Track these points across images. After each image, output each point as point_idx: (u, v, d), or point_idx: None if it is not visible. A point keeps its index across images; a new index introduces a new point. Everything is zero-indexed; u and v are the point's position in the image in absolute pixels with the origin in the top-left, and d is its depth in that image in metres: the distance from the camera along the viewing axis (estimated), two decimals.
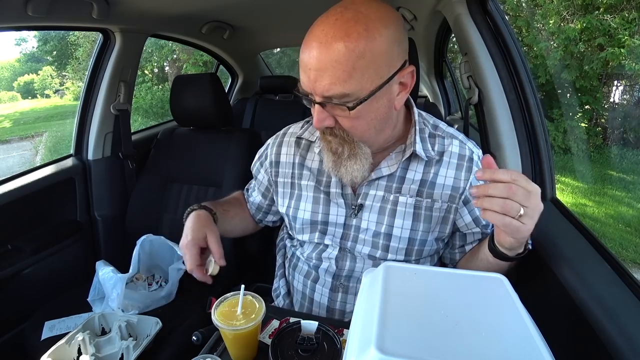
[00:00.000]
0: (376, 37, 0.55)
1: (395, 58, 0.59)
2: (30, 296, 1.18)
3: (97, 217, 1.42)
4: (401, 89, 0.63)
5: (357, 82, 0.56)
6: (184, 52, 9.15)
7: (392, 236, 0.73)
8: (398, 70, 0.60)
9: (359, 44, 0.54)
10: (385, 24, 0.56)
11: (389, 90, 0.61)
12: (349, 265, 0.77)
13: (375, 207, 0.74)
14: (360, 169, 0.68)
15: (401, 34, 0.59)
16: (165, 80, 10.27)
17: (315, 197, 0.77)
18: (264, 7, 1.41)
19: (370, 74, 0.57)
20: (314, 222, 0.78)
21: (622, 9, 5.56)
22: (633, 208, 4.68)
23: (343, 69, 0.55)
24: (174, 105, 1.41)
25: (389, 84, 0.59)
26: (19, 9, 0.92)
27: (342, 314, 0.79)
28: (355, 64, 0.55)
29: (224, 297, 0.65)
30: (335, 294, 0.79)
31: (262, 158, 0.88)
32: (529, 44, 6.12)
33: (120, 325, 0.90)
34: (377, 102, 0.60)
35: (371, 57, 0.55)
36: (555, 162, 0.95)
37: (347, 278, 0.78)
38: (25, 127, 9.51)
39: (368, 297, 0.50)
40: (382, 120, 0.64)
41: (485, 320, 0.44)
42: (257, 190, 0.92)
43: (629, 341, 0.49)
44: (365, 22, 0.55)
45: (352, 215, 0.75)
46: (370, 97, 0.58)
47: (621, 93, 6.60)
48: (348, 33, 0.54)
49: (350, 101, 0.58)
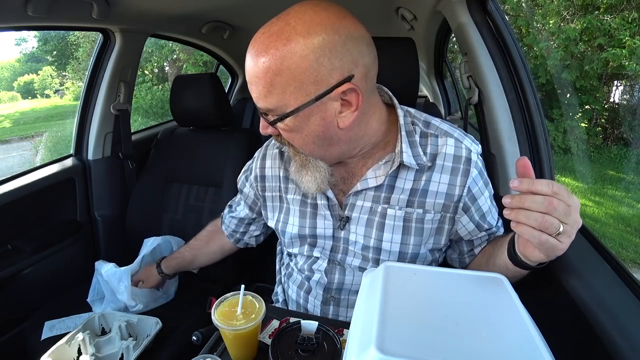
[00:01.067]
0: (297, 51, 0.51)
1: (327, 74, 0.53)
2: (30, 296, 1.18)
3: (97, 217, 1.42)
4: (345, 108, 0.57)
5: (278, 97, 0.55)
6: (184, 52, 9.15)
7: (382, 250, 0.70)
8: (332, 89, 0.54)
9: (276, 61, 0.52)
10: (311, 36, 0.51)
11: (322, 109, 0.56)
12: (339, 278, 0.75)
13: (363, 219, 0.71)
14: (311, 180, 0.66)
15: (338, 47, 0.52)
16: (165, 80, 10.27)
17: (302, 211, 0.75)
18: (264, 7, 1.40)
19: (291, 90, 0.54)
20: (302, 235, 0.76)
21: (622, 9, 5.56)
22: (633, 208, 4.68)
23: (263, 85, 0.54)
24: (174, 105, 1.41)
25: (321, 102, 0.55)
26: (19, 9, 0.92)
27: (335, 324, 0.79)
28: (273, 81, 0.53)
29: (224, 297, 0.65)
30: (327, 307, 0.78)
31: (247, 172, 0.88)
32: (529, 44, 6.12)
33: (120, 325, 0.90)
34: (306, 119, 0.57)
35: (290, 73, 0.52)
36: (555, 162, 0.95)
37: (337, 291, 0.76)
38: (25, 127, 9.51)
39: (368, 297, 0.50)
40: (323, 137, 0.59)
41: (485, 320, 0.44)
42: (244, 204, 0.91)
43: (629, 341, 0.49)
44: (288, 35, 0.52)
45: (340, 227, 0.73)
46: (293, 114, 0.55)
47: (621, 93, 6.60)
48: (267, 49, 0.52)
49: (274, 115, 0.57)
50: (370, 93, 0.61)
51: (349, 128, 0.60)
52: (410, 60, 1.01)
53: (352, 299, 0.76)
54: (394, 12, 1.40)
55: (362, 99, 0.56)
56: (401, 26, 1.50)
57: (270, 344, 0.56)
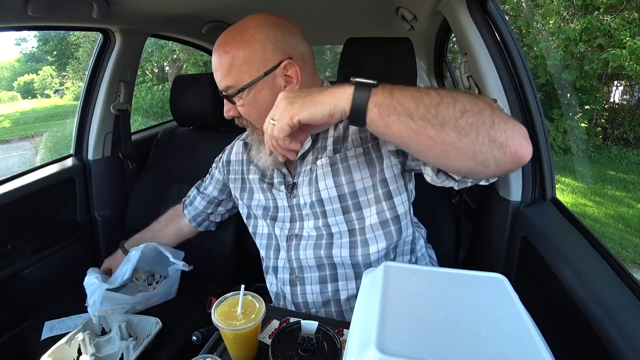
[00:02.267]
0: (249, 40, 0.69)
1: (271, 56, 0.69)
2: (30, 296, 1.18)
3: (97, 217, 1.42)
4: (287, 82, 0.71)
5: (235, 75, 0.70)
6: (184, 52, 9.15)
7: (323, 200, 0.76)
8: (276, 66, 0.70)
9: (233, 47, 0.69)
10: (259, 30, 0.69)
11: (271, 82, 0.70)
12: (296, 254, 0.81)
13: (305, 180, 0.78)
14: (266, 155, 0.77)
15: (278, 37, 0.70)
16: (165, 80, 10.28)
17: (262, 188, 0.85)
18: (264, 7, 1.41)
19: (245, 69, 0.69)
20: (266, 207, 0.85)
21: (622, 9, 5.56)
22: (633, 208, 4.68)
23: (225, 67, 0.70)
24: (174, 105, 1.41)
25: (269, 77, 0.70)
26: (19, 9, 0.92)
27: (307, 306, 0.82)
28: (232, 63, 0.69)
29: (224, 297, 0.65)
30: (295, 287, 0.83)
31: (217, 161, 1.03)
32: (529, 44, 6.12)
33: (120, 325, 0.90)
34: (259, 92, 0.71)
35: (244, 56, 0.69)
36: (555, 162, 0.95)
37: (300, 269, 0.82)
38: (25, 127, 9.52)
39: (368, 297, 0.50)
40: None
41: (485, 320, 0.44)
42: (213, 186, 1.04)
43: (628, 341, 0.50)
44: (241, 31, 0.70)
45: (291, 195, 0.81)
46: (248, 86, 0.70)
47: (621, 93, 6.60)
48: (228, 42, 0.70)
49: (233, 91, 0.71)
50: (309, 76, 0.75)
51: None
52: (408, 60, 1.01)
53: (315, 276, 0.81)
54: (394, 12, 1.40)
55: (301, 74, 0.71)
56: (401, 26, 1.50)
57: (270, 344, 0.56)
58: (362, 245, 0.76)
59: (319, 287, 0.81)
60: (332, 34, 1.92)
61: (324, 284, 0.80)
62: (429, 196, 1.11)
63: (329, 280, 0.80)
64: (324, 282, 0.80)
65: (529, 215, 0.87)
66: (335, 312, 0.81)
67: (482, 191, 1.10)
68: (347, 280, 0.79)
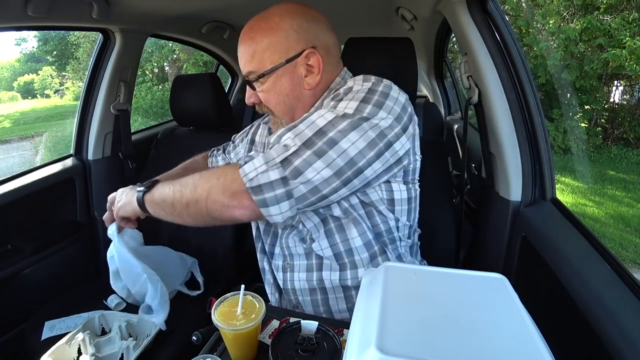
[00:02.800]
0: (274, 28, 0.70)
1: (294, 44, 0.70)
2: (30, 296, 1.18)
3: (97, 217, 1.42)
4: (309, 72, 0.72)
5: (258, 60, 0.72)
6: (184, 52, 9.15)
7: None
8: (299, 54, 0.71)
9: (258, 34, 0.71)
10: (282, 17, 0.70)
11: (292, 71, 0.72)
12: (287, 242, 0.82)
13: None
14: None
15: (302, 26, 0.71)
16: (165, 80, 10.28)
17: None
18: (264, 7, 1.41)
19: (268, 55, 0.71)
20: None
21: (622, 9, 5.56)
22: (633, 208, 4.69)
23: (249, 53, 0.72)
24: (174, 105, 1.41)
25: (290, 65, 0.71)
26: (19, 9, 0.92)
27: (295, 293, 0.83)
28: (256, 48, 0.71)
29: (224, 297, 0.65)
30: (285, 274, 0.84)
31: (243, 134, 1.04)
32: (529, 44, 6.12)
33: (120, 325, 0.91)
34: (279, 79, 0.72)
35: (268, 42, 0.70)
36: (555, 162, 0.95)
37: (290, 256, 0.83)
38: (25, 127, 9.52)
39: (368, 297, 0.50)
40: (291, 97, 0.74)
41: (485, 320, 0.44)
42: (235, 155, 1.05)
43: (628, 341, 0.50)
44: (267, 18, 0.72)
45: None
46: (269, 72, 0.71)
47: (621, 93, 6.60)
48: (253, 29, 0.72)
49: (254, 76, 0.73)
50: (333, 67, 0.76)
51: (314, 92, 0.75)
52: (409, 60, 1.01)
53: (304, 265, 0.81)
54: (394, 12, 1.40)
55: (323, 64, 0.72)
56: (401, 26, 1.50)
57: (270, 344, 0.56)
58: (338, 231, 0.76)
59: (306, 274, 0.81)
60: None
61: (310, 272, 0.81)
62: (429, 196, 1.11)
63: (314, 269, 0.80)
64: (310, 270, 0.81)
65: (529, 215, 0.87)
66: (321, 300, 0.82)
67: (482, 191, 1.10)
68: (332, 270, 0.79)
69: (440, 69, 2.24)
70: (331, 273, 0.79)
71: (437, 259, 0.99)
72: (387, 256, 0.78)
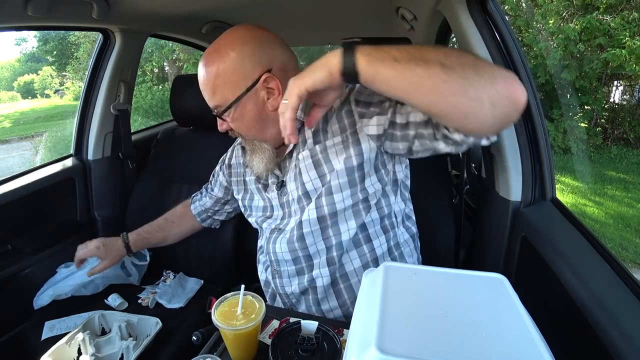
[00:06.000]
0: (225, 59, 0.70)
1: (250, 71, 0.71)
2: (30, 296, 1.18)
3: (97, 217, 1.42)
4: (269, 94, 0.73)
5: (221, 95, 0.73)
6: (184, 52, 9.15)
7: (309, 192, 0.77)
8: (257, 81, 0.71)
9: (214, 69, 0.71)
10: (234, 47, 0.70)
11: (253, 97, 0.73)
12: (274, 247, 0.83)
13: (291, 176, 0.80)
14: (259, 160, 0.80)
15: (255, 51, 0.71)
16: (165, 80, 10.28)
17: (258, 188, 0.89)
18: (264, 7, 1.41)
19: (228, 87, 0.72)
20: (264, 207, 0.88)
21: (622, 9, 5.56)
22: (633, 208, 4.68)
23: (210, 88, 0.73)
24: (174, 105, 1.41)
25: (252, 92, 0.72)
26: (19, 9, 0.92)
27: (287, 297, 0.85)
28: (215, 82, 0.72)
29: (224, 297, 0.65)
30: (275, 279, 0.86)
31: (221, 163, 1.06)
32: (529, 43, 6.12)
33: (120, 325, 0.91)
34: (244, 107, 0.73)
35: (225, 76, 0.71)
36: (555, 162, 0.95)
37: (276, 262, 0.84)
38: (25, 127, 9.52)
39: (368, 297, 0.51)
40: (259, 120, 0.76)
41: (485, 320, 0.44)
42: (218, 188, 1.06)
43: (628, 341, 0.50)
44: (218, 49, 0.72)
45: (281, 194, 0.83)
46: (233, 104, 0.72)
47: (621, 93, 6.60)
48: (207, 61, 0.72)
49: (221, 110, 0.74)
50: None
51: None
52: None
53: (292, 269, 0.82)
54: (394, 12, 1.40)
55: (282, 85, 0.72)
56: (401, 26, 1.50)
57: (270, 344, 0.56)
58: (332, 226, 0.77)
59: (297, 279, 0.83)
60: (331, 35, 1.92)
61: (301, 276, 0.82)
62: (429, 196, 1.11)
63: (305, 271, 0.81)
64: (301, 273, 0.82)
65: (529, 216, 0.87)
66: (312, 299, 0.83)
67: (482, 191, 1.10)
68: (321, 268, 0.80)
69: None
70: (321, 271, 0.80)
71: (437, 259, 1.00)
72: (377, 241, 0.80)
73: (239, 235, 1.26)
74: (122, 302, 1.11)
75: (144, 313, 0.98)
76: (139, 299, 1.15)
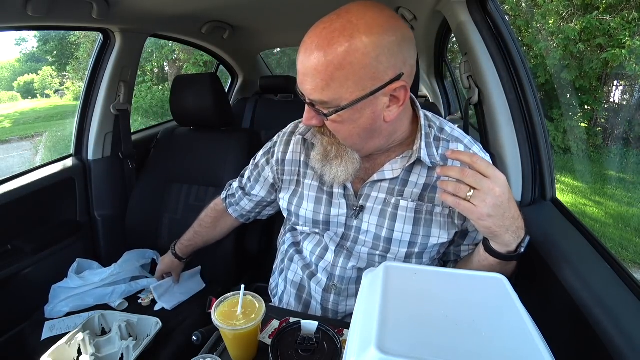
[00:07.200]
0: (359, 48, 0.54)
1: (383, 71, 0.56)
2: (30, 296, 1.18)
3: (97, 217, 1.42)
4: (392, 103, 0.61)
5: (335, 91, 0.57)
6: (184, 52, 9.14)
7: (393, 240, 0.73)
8: (386, 84, 0.57)
9: (338, 56, 0.54)
10: (373, 36, 0.54)
11: (374, 103, 0.59)
12: (343, 263, 0.77)
13: (377, 209, 0.73)
14: (343, 170, 0.69)
15: (396, 46, 0.56)
16: (165, 80, 10.27)
17: (317, 197, 0.78)
18: (264, 7, 1.41)
19: (349, 85, 0.57)
20: (315, 221, 0.79)
21: (622, 9, 5.55)
22: (633, 208, 4.68)
23: (321, 78, 0.57)
24: (174, 105, 1.41)
25: (374, 97, 0.58)
26: (19, 9, 0.92)
27: (336, 314, 0.80)
28: (334, 75, 0.56)
29: (224, 297, 0.65)
30: (328, 294, 0.79)
31: (268, 155, 0.88)
32: (529, 43, 6.12)
33: (120, 325, 0.91)
34: (358, 112, 0.60)
35: (351, 69, 0.55)
36: (555, 162, 0.95)
37: (340, 279, 0.77)
38: (25, 127, 9.51)
39: (368, 297, 0.50)
40: (367, 130, 0.63)
41: (485, 320, 0.44)
42: (261, 186, 0.92)
43: (629, 341, 0.49)
44: (351, 32, 0.54)
45: (353, 216, 0.76)
46: (348, 107, 0.58)
47: (621, 93, 6.60)
48: (330, 43, 0.55)
49: (328, 108, 0.60)
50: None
51: (392, 122, 0.64)
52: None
53: (352, 289, 0.78)
54: None
55: (408, 95, 0.61)
56: None
57: (270, 344, 0.56)
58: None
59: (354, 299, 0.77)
60: None
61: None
62: None
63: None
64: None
65: (529, 215, 0.87)
66: None
67: None
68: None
69: (440, 69, 2.24)
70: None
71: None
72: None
73: (239, 235, 1.26)
74: (122, 302, 1.11)
75: (144, 313, 0.99)
76: (139, 299, 1.15)
